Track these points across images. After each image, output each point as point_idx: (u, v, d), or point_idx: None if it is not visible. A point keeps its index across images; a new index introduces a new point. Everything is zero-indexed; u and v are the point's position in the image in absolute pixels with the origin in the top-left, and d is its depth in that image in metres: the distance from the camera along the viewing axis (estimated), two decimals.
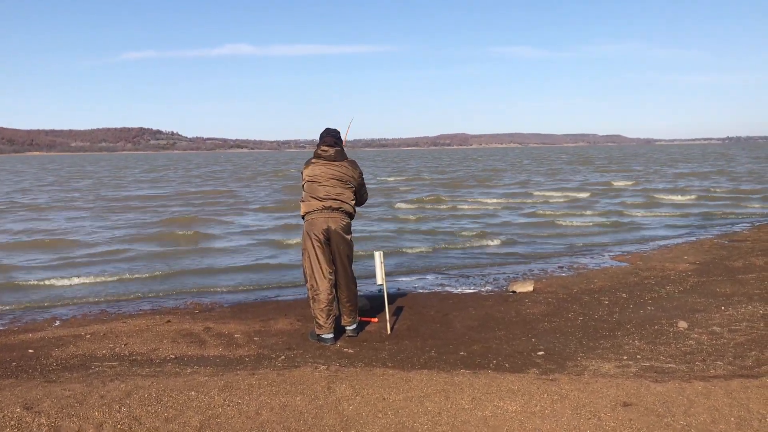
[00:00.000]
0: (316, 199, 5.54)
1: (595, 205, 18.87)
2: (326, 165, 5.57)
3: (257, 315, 6.69)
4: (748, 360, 4.62)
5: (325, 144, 5.64)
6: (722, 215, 15.84)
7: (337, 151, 5.62)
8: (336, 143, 5.66)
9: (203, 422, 3.48)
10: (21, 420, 3.41)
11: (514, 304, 6.92)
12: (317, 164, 5.59)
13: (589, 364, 4.70)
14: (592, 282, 8.00)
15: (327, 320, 5.53)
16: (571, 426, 3.43)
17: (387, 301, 6.00)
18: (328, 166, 5.56)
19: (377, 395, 3.89)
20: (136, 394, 3.83)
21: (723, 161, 54.40)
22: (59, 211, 19.39)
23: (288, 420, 3.54)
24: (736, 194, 21.80)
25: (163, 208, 20.03)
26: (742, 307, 6.19)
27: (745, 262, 8.82)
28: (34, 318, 6.85)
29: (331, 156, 5.59)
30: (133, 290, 8.24)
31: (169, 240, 12.81)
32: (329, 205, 5.52)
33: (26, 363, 5.03)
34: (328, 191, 5.52)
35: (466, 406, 3.71)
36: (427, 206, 19.52)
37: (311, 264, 5.58)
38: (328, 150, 5.61)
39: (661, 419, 3.48)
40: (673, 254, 10.00)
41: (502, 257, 10.46)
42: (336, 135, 5.74)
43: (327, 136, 5.71)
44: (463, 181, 32.24)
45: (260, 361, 5.00)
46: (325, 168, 5.55)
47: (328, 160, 5.58)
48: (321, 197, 5.52)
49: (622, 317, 6.16)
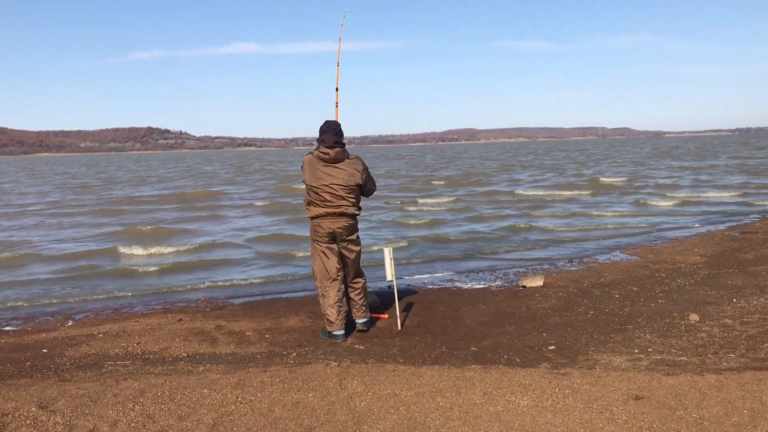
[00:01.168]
0: (320, 206, 5.46)
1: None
2: (329, 167, 5.42)
3: (268, 312, 6.72)
4: (760, 352, 4.60)
5: (326, 146, 5.40)
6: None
7: (338, 151, 5.41)
8: (337, 142, 5.42)
9: (216, 420, 3.50)
10: (36, 419, 3.44)
11: (524, 298, 6.91)
12: (319, 167, 5.41)
13: (601, 357, 4.69)
14: (602, 276, 7.97)
15: (338, 317, 5.55)
16: (583, 420, 3.42)
17: (397, 297, 6.01)
18: (331, 169, 5.41)
19: (389, 391, 3.90)
20: (149, 393, 3.86)
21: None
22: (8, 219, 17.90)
23: (300, 416, 3.56)
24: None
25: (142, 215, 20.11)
26: (754, 299, 6.15)
27: (756, 253, 8.77)
28: (47, 318, 6.91)
29: (332, 159, 5.41)
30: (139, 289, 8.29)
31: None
32: (333, 211, 5.44)
33: (40, 363, 5.08)
34: (332, 198, 5.41)
35: (478, 401, 3.71)
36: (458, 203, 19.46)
37: (320, 262, 5.59)
38: (329, 152, 5.39)
39: (673, 412, 3.47)
40: (684, 247, 9.95)
41: (512, 250, 10.46)
42: (337, 130, 5.49)
43: (327, 132, 5.44)
44: (489, 174, 32.17)
45: (272, 358, 5.02)
46: (328, 171, 5.41)
47: (330, 162, 5.42)
48: (325, 204, 5.43)
49: (633, 311, 6.14)
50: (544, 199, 19.38)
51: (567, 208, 16.55)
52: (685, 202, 17.25)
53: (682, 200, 17.68)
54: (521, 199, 19.82)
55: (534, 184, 26.07)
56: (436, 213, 16.59)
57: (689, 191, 20.36)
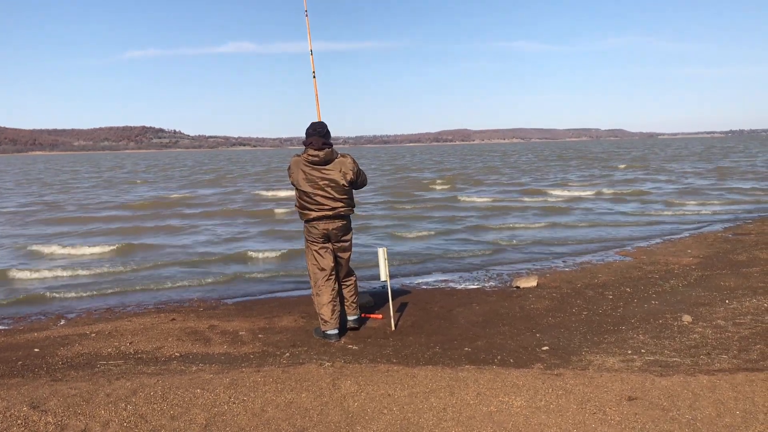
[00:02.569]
0: (312, 210, 5.43)
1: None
2: (317, 170, 5.35)
3: (261, 312, 6.70)
4: (752, 353, 4.61)
5: (314, 148, 5.34)
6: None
7: (326, 152, 5.35)
8: (324, 144, 5.36)
9: (209, 419, 3.49)
10: (28, 419, 3.42)
11: (518, 299, 6.92)
12: (309, 170, 5.35)
13: (594, 358, 4.70)
14: (595, 277, 7.99)
15: (331, 317, 5.54)
16: (576, 420, 3.43)
17: (391, 298, 6.01)
18: (321, 171, 5.36)
19: (382, 391, 3.89)
20: (141, 392, 3.84)
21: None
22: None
23: (293, 416, 3.55)
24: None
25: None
26: (747, 301, 6.18)
27: (749, 255, 8.80)
28: (40, 317, 6.87)
29: (322, 160, 5.35)
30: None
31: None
32: (325, 214, 5.42)
33: (32, 362, 5.05)
34: (324, 201, 5.38)
35: (471, 402, 3.71)
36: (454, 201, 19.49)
37: (314, 262, 5.59)
38: (318, 154, 5.33)
39: (666, 413, 3.48)
40: (677, 248, 9.99)
41: (504, 252, 10.47)
42: (323, 132, 5.40)
43: (314, 135, 5.37)
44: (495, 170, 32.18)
45: (265, 358, 5.01)
46: (320, 174, 5.35)
47: (320, 165, 5.36)
48: (320, 208, 5.41)
49: (627, 312, 6.16)
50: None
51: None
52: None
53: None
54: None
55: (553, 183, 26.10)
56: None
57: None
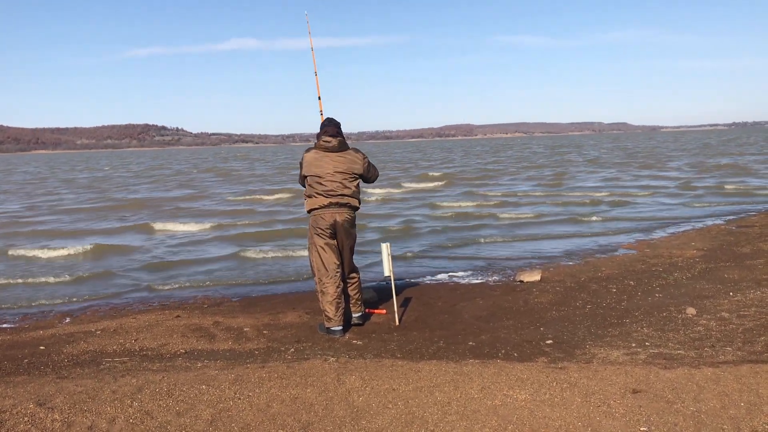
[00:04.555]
0: (321, 195, 5.49)
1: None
2: (330, 157, 5.49)
3: (266, 308, 6.72)
4: (757, 345, 4.61)
5: (328, 134, 5.53)
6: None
7: (340, 141, 5.54)
8: (338, 133, 5.56)
9: (214, 415, 3.50)
10: (34, 416, 3.44)
11: (521, 293, 6.92)
12: (320, 156, 5.50)
13: (598, 351, 4.70)
14: (599, 270, 7.99)
15: (336, 313, 5.55)
16: (581, 414, 3.43)
17: (395, 293, 6.01)
18: (333, 158, 5.49)
19: (387, 386, 3.90)
20: (147, 389, 3.86)
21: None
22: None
23: (299, 412, 3.56)
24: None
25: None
26: (751, 293, 6.17)
27: (753, 247, 8.79)
28: (45, 315, 6.90)
29: (335, 147, 5.51)
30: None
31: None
32: (336, 201, 5.48)
33: (38, 360, 5.07)
34: (334, 187, 5.46)
35: (476, 396, 3.71)
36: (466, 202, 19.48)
37: (318, 258, 5.59)
38: (332, 141, 5.51)
39: (670, 405, 3.48)
40: (681, 241, 9.97)
41: (507, 246, 10.47)
42: (338, 126, 5.63)
43: (329, 125, 5.59)
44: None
45: (270, 354, 5.02)
46: (330, 160, 5.48)
47: (332, 151, 5.50)
48: (327, 193, 5.47)
49: (630, 305, 6.15)
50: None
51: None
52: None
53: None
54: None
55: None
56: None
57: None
